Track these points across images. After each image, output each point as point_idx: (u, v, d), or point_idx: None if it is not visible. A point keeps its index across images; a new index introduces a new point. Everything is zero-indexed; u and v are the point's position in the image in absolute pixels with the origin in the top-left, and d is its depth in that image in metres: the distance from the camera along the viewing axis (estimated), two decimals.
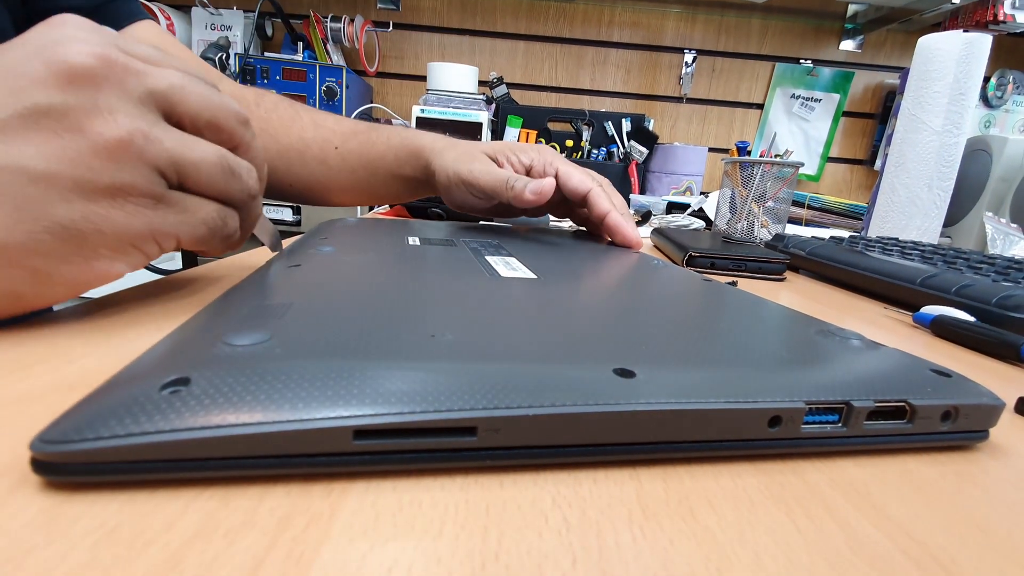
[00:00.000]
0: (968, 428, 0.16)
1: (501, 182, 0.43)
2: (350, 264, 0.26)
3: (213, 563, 0.10)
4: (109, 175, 0.18)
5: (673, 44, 1.53)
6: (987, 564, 0.11)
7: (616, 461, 0.14)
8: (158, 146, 0.18)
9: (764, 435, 0.14)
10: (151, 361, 0.14)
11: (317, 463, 0.12)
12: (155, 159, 0.18)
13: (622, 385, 0.14)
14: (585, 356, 0.16)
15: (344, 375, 0.13)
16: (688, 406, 0.14)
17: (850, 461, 0.15)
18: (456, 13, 1.52)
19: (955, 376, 0.17)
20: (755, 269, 0.47)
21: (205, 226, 0.21)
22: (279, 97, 0.52)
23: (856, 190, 1.59)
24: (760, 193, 0.61)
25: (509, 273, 0.27)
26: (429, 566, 0.10)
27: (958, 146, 0.62)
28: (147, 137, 0.18)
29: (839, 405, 0.15)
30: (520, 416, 0.13)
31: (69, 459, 0.11)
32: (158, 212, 0.19)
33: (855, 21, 1.48)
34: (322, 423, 0.12)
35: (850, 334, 0.20)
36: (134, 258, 0.19)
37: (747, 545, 0.11)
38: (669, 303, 0.24)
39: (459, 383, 0.13)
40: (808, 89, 1.52)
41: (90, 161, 0.17)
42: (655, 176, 1.34)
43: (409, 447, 0.12)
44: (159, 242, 0.20)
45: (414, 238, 0.37)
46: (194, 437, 0.11)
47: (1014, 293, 0.32)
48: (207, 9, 1.36)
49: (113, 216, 0.18)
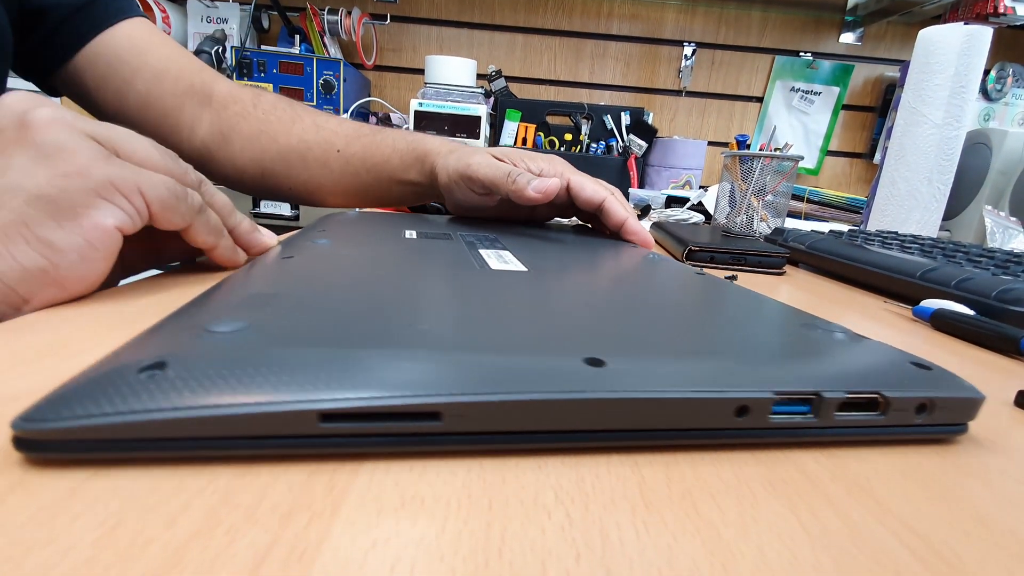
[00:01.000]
0: (945, 421, 0.16)
1: (502, 175, 0.42)
2: (342, 256, 0.26)
3: (215, 561, 0.10)
4: (62, 157, 0.21)
5: (672, 37, 1.52)
6: (990, 559, 0.11)
7: (606, 448, 0.14)
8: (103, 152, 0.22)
9: (732, 424, 0.14)
10: (133, 346, 0.14)
11: (286, 445, 0.12)
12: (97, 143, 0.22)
13: (590, 374, 0.14)
14: (558, 345, 0.16)
15: (314, 361, 0.13)
16: (653, 394, 0.14)
17: (851, 455, 0.15)
18: (454, 5, 1.51)
19: (935, 369, 0.17)
20: (755, 263, 0.47)
21: (164, 186, 0.23)
22: (277, 97, 0.51)
23: (855, 184, 1.59)
24: (760, 187, 0.61)
25: (500, 266, 0.27)
26: (432, 563, 0.10)
27: (958, 139, 0.62)
28: None
29: (809, 396, 0.15)
30: (484, 402, 0.13)
31: (48, 436, 0.11)
32: (112, 164, 0.22)
33: (855, 13, 1.47)
34: (289, 406, 0.12)
35: (835, 327, 0.20)
36: (111, 209, 0.21)
37: (751, 540, 0.11)
38: (655, 296, 0.24)
39: (426, 370, 0.13)
40: (808, 82, 1.51)
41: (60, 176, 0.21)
42: (654, 170, 1.34)
43: (376, 431, 0.13)
44: (124, 192, 0.22)
45: (411, 232, 0.37)
46: (166, 418, 0.12)
47: (1014, 287, 0.32)
48: (203, 2, 1.35)
49: (71, 178, 0.21)
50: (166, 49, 0.47)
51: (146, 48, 0.46)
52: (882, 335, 0.30)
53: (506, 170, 0.42)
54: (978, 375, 0.24)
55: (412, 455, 0.13)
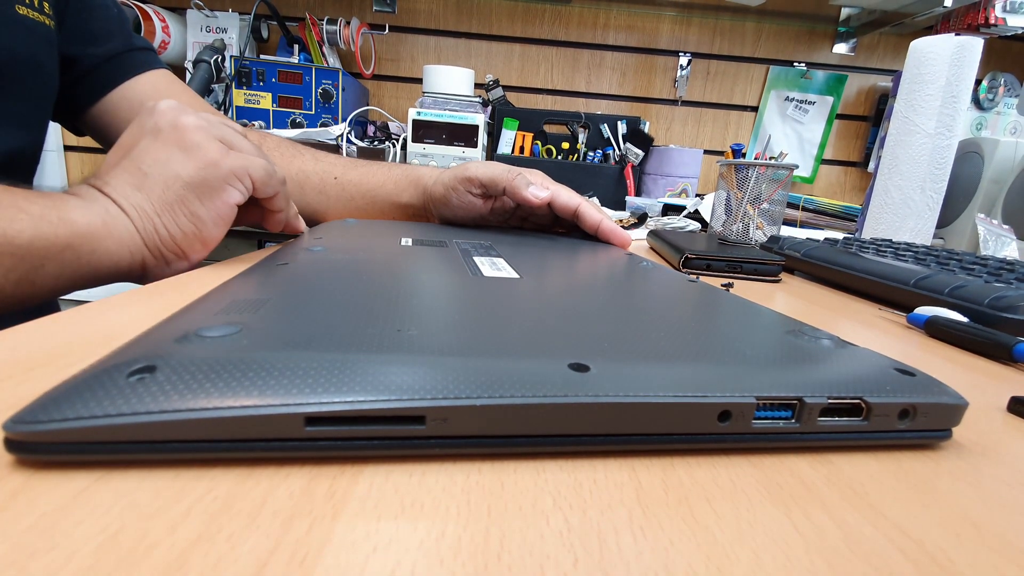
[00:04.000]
0: (928, 427, 0.16)
1: (502, 171, 0.47)
2: (336, 263, 0.27)
3: (217, 566, 0.10)
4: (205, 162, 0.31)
5: (668, 47, 1.54)
6: (983, 562, 0.12)
7: (603, 453, 0.14)
8: None
9: (714, 429, 0.15)
10: (125, 350, 0.14)
11: (272, 448, 0.13)
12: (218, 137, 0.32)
13: (574, 378, 0.14)
14: (544, 351, 0.16)
15: (301, 365, 0.13)
16: (636, 399, 0.14)
17: (845, 460, 0.15)
18: (452, 16, 1.52)
19: (919, 375, 0.17)
20: (750, 271, 0.47)
21: (262, 168, 0.33)
22: (281, 139, 0.56)
23: (850, 192, 1.60)
24: (755, 195, 0.61)
25: (493, 273, 0.28)
26: (432, 568, 0.10)
27: (950, 148, 0.63)
28: None
29: (792, 401, 0.15)
30: (468, 406, 0.13)
31: (38, 438, 0.12)
32: (231, 157, 0.31)
33: (848, 24, 1.49)
34: (275, 409, 0.12)
35: (822, 334, 0.20)
36: (235, 190, 0.32)
37: (746, 544, 0.11)
38: (645, 303, 0.24)
39: (411, 374, 0.13)
40: (802, 92, 1.53)
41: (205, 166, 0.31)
42: (651, 178, 1.35)
43: (360, 434, 0.13)
44: (240, 178, 0.32)
45: (407, 239, 0.37)
46: (153, 420, 0.12)
47: (1006, 294, 0.32)
48: (202, 11, 1.36)
49: (209, 169, 0.31)
50: (185, 97, 0.52)
51: (166, 94, 0.51)
52: (876, 342, 0.30)
53: (504, 168, 0.47)
54: (971, 381, 0.24)
55: (411, 460, 0.14)
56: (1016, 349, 0.27)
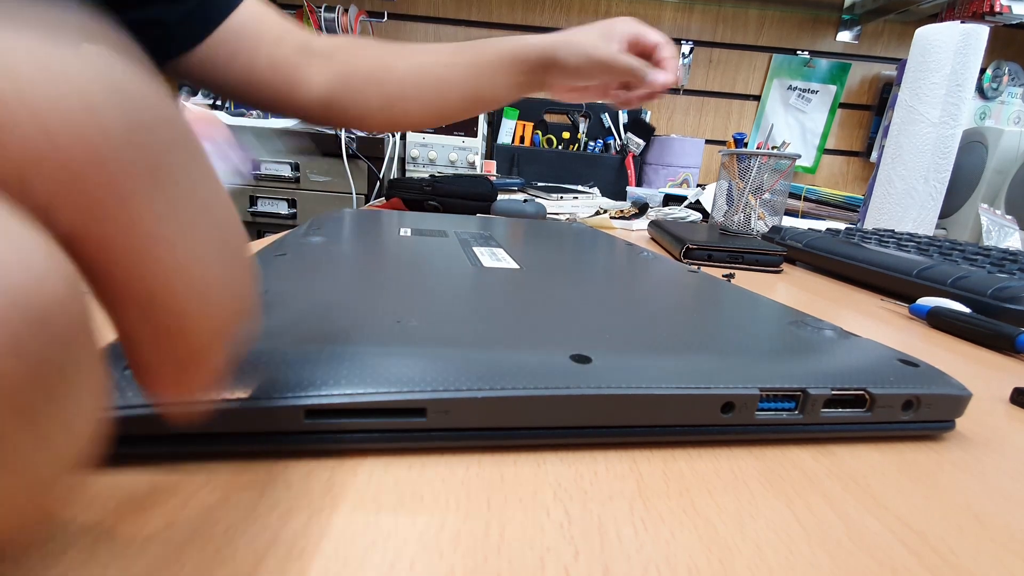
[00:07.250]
0: (931, 418, 0.16)
1: (640, 65, 0.48)
2: (335, 254, 0.26)
3: (214, 558, 0.10)
4: None
5: (670, 35, 1.52)
6: (984, 553, 0.12)
7: (604, 445, 0.14)
8: None
9: (718, 421, 0.15)
10: (119, 343, 0.14)
11: (273, 441, 0.12)
12: None
13: (576, 370, 0.14)
14: (545, 342, 0.16)
15: (300, 358, 0.13)
16: (637, 391, 0.14)
17: (847, 451, 0.15)
18: (451, 3, 1.50)
19: (923, 366, 0.17)
20: (752, 261, 0.47)
21: None
22: (368, 40, 0.54)
23: (852, 182, 1.60)
24: (757, 185, 0.61)
25: (493, 263, 0.27)
26: (431, 560, 0.10)
27: (954, 138, 0.62)
28: None
29: (795, 392, 0.15)
30: (469, 399, 0.13)
31: None
32: None
33: (852, 12, 1.47)
34: (274, 402, 0.12)
35: (825, 325, 0.20)
36: None
37: (748, 536, 0.11)
38: (647, 294, 0.24)
39: (411, 366, 0.13)
40: (805, 80, 1.52)
41: None
42: (652, 168, 1.34)
43: (361, 427, 0.13)
44: None
45: (406, 229, 0.37)
46: (147, 413, 0.12)
47: (1009, 284, 0.32)
48: None
49: None
50: (273, 15, 0.50)
51: (261, 17, 0.49)
52: (878, 333, 0.30)
53: (638, 63, 0.49)
54: (974, 372, 0.24)
55: (410, 452, 0.13)
56: (1019, 340, 0.27)
